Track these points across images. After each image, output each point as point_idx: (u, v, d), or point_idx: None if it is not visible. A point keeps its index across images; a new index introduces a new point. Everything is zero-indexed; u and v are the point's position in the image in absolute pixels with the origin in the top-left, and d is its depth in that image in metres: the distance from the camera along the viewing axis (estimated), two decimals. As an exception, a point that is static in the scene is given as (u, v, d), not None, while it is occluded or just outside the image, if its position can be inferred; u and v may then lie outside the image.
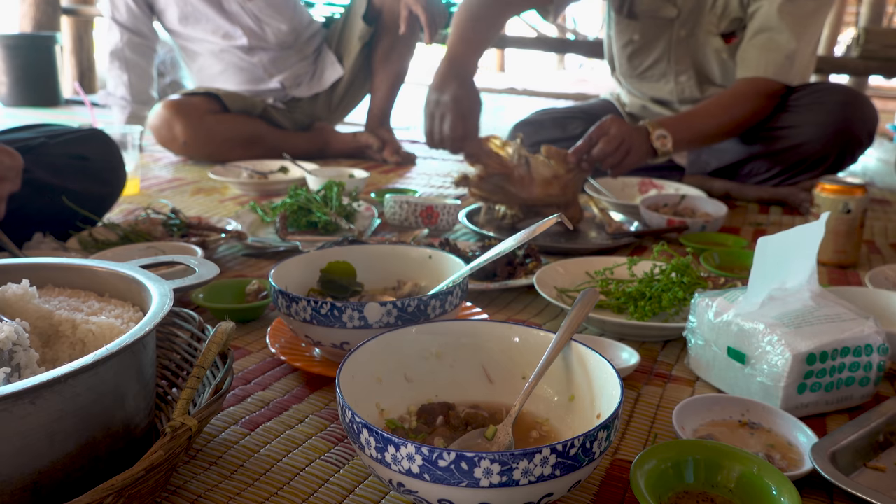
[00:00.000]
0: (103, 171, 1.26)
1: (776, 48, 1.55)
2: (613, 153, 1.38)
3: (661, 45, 1.75)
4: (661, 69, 1.78)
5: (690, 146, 1.58)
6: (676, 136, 1.46)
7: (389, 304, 0.72)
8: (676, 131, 1.46)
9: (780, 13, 1.54)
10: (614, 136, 1.38)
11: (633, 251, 1.29)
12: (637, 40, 1.78)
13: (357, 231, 1.26)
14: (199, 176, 1.92)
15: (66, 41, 3.81)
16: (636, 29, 1.77)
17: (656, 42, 1.75)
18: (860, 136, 1.57)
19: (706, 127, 1.54)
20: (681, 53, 1.73)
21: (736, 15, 1.63)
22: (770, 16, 1.55)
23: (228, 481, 0.61)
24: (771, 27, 1.55)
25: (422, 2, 1.99)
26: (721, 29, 1.66)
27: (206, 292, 0.96)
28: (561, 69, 8.64)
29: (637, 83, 1.85)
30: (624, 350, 0.83)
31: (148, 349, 0.58)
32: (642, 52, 1.79)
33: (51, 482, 0.49)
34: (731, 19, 1.64)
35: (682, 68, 1.75)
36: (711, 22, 1.66)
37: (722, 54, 1.68)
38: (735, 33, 1.65)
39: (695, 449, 0.59)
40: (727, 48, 1.67)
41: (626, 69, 1.84)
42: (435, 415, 0.62)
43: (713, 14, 1.65)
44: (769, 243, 0.75)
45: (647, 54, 1.78)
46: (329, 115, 2.34)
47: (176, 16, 2.13)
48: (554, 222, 0.70)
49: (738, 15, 1.62)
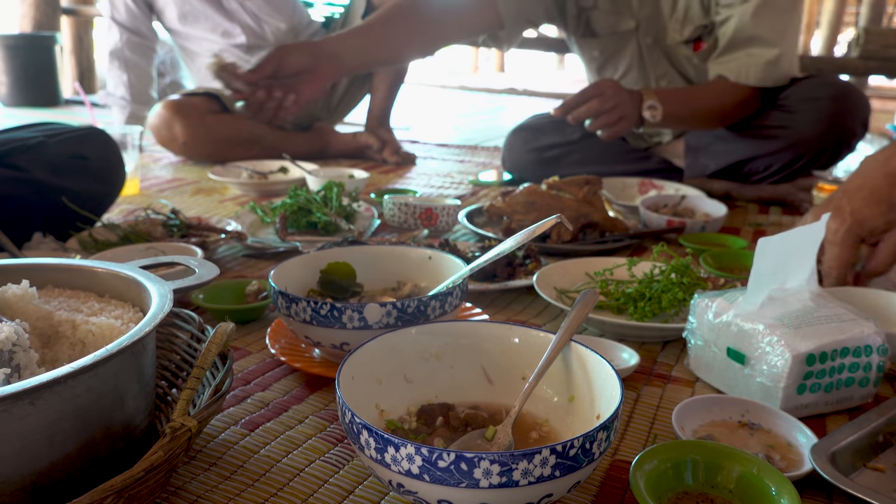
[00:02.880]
0: (103, 170, 1.26)
1: (758, 56, 1.52)
2: (608, 113, 1.36)
3: (626, 56, 1.72)
4: (634, 77, 1.75)
5: (679, 123, 1.56)
6: (667, 109, 1.44)
7: (389, 305, 0.72)
8: (668, 103, 1.45)
9: (755, 22, 1.50)
10: (610, 96, 1.36)
11: (632, 252, 1.29)
12: (597, 56, 1.76)
13: (357, 232, 1.26)
14: (199, 176, 1.92)
15: (66, 41, 3.81)
16: (594, 45, 1.74)
17: (620, 54, 1.73)
18: (853, 128, 1.57)
19: (697, 106, 1.52)
20: (654, 59, 1.70)
21: (699, 22, 1.58)
22: (744, 26, 1.51)
23: (228, 482, 0.61)
24: (748, 38, 1.52)
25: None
26: (685, 36, 1.62)
27: (206, 293, 0.96)
28: (561, 69, 8.64)
29: None
30: (624, 351, 0.83)
31: (148, 350, 0.58)
32: (609, 66, 1.77)
33: (50, 483, 0.49)
34: (696, 26, 1.59)
35: (660, 73, 1.72)
36: (675, 29, 1.62)
37: (693, 60, 1.66)
38: (702, 38, 1.62)
39: (694, 449, 0.59)
40: (696, 55, 1.64)
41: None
42: (435, 415, 0.62)
43: (675, 21, 1.61)
44: (769, 244, 0.75)
45: (615, 66, 1.76)
46: (329, 116, 2.34)
47: (175, 14, 2.13)
48: (554, 223, 0.70)
49: (702, 22, 1.58)
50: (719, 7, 1.55)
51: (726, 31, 1.54)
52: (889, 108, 4.02)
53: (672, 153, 1.81)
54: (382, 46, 1.47)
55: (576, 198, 1.31)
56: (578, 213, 1.28)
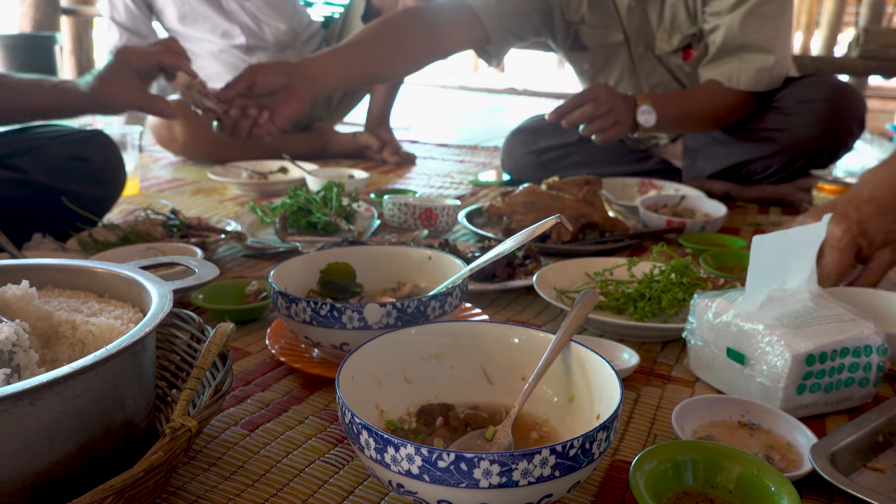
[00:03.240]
0: (103, 171, 1.26)
1: (749, 61, 1.51)
2: (602, 118, 1.36)
3: (617, 67, 1.71)
4: (626, 88, 1.74)
5: (673, 127, 1.56)
6: (661, 113, 1.44)
7: (389, 305, 0.72)
8: (662, 108, 1.45)
9: (745, 30, 1.49)
10: (605, 101, 1.36)
11: (632, 252, 1.29)
12: (587, 69, 1.75)
13: (357, 232, 1.26)
14: (199, 176, 1.92)
15: (66, 41, 3.81)
16: (585, 58, 1.74)
17: (610, 65, 1.72)
18: (850, 128, 1.57)
19: (691, 109, 1.52)
20: (647, 68, 1.69)
21: (687, 31, 1.58)
22: (734, 35, 1.50)
23: (228, 482, 0.61)
24: (739, 46, 1.51)
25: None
26: (674, 46, 1.61)
27: (206, 293, 0.96)
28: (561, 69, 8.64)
29: None
30: (623, 351, 0.83)
31: (148, 350, 0.58)
32: (600, 77, 1.76)
33: (50, 483, 0.49)
34: (683, 35, 1.59)
35: (654, 81, 1.71)
36: (663, 38, 1.62)
37: (685, 68, 1.65)
38: (692, 46, 1.61)
39: (694, 450, 0.59)
40: (687, 63, 1.63)
41: None
42: (434, 416, 0.62)
43: (662, 31, 1.61)
44: (765, 242, 0.75)
45: (607, 77, 1.75)
46: (328, 116, 2.34)
47: (175, 15, 2.13)
48: (553, 223, 0.70)
49: (690, 31, 1.58)
50: (706, 15, 1.54)
51: (715, 39, 1.53)
52: (889, 108, 4.01)
53: (671, 154, 1.81)
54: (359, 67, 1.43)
55: (575, 198, 1.31)
56: (578, 214, 1.28)
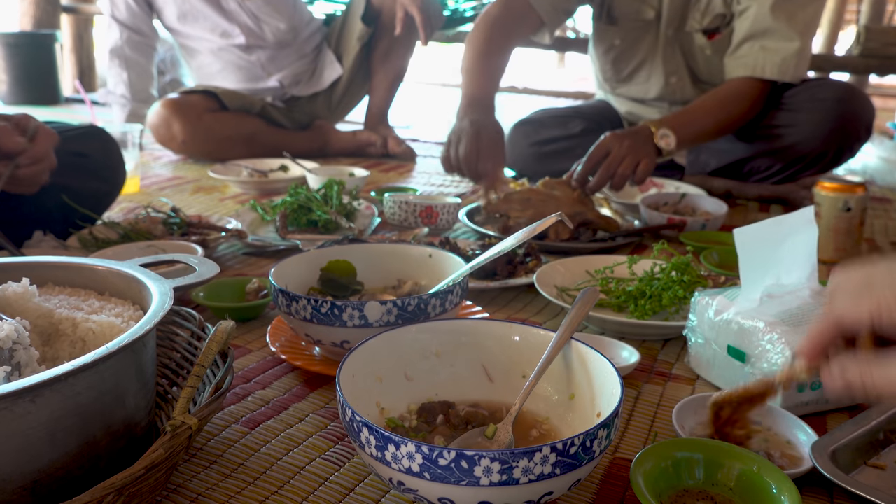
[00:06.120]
0: (103, 169, 1.26)
1: (774, 50, 1.52)
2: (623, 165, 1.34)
3: (644, 48, 1.73)
4: (647, 71, 1.75)
5: (692, 143, 1.57)
6: (679, 134, 1.44)
7: (389, 303, 0.72)
8: (679, 129, 1.44)
9: (775, 14, 1.50)
10: (617, 149, 1.34)
11: (633, 250, 1.29)
12: (618, 45, 1.76)
13: (357, 230, 1.26)
14: (200, 174, 1.92)
15: (67, 39, 3.80)
16: (616, 34, 1.75)
17: (638, 45, 1.73)
18: (858, 132, 1.56)
19: (706, 124, 1.52)
20: (669, 54, 1.70)
21: (719, 11, 1.60)
22: (762, 17, 1.51)
23: (228, 480, 0.61)
24: (765, 30, 1.51)
25: (417, 3, 2.00)
26: (704, 25, 1.63)
27: (207, 291, 0.96)
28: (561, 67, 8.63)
29: (624, 88, 1.83)
30: (624, 349, 0.83)
31: (148, 348, 0.58)
32: (625, 56, 1.77)
33: (51, 481, 0.49)
34: (715, 15, 1.61)
35: (671, 69, 1.72)
36: (695, 18, 1.64)
37: (706, 51, 1.66)
38: (719, 29, 1.62)
39: (695, 447, 0.59)
40: (710, 45, 1.64)
41: (611, 74, 1.83)
42: (435, 413, 0.62)
43: (697, 10, 1.63)
44: (746, 234, 0.75)
45: (631, 58, 1.76)
46: (329, 115, 2.34)
47: (174, 14, 2.12)
48: (554, 221, 0.70)
49: (722, 11, 1.60)
50: None
51: (743, 21, 1.54)
52: (890, 106, 4.01)
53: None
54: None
55: (570, 196, 1.31)
56: (573, 212, 1.28)
